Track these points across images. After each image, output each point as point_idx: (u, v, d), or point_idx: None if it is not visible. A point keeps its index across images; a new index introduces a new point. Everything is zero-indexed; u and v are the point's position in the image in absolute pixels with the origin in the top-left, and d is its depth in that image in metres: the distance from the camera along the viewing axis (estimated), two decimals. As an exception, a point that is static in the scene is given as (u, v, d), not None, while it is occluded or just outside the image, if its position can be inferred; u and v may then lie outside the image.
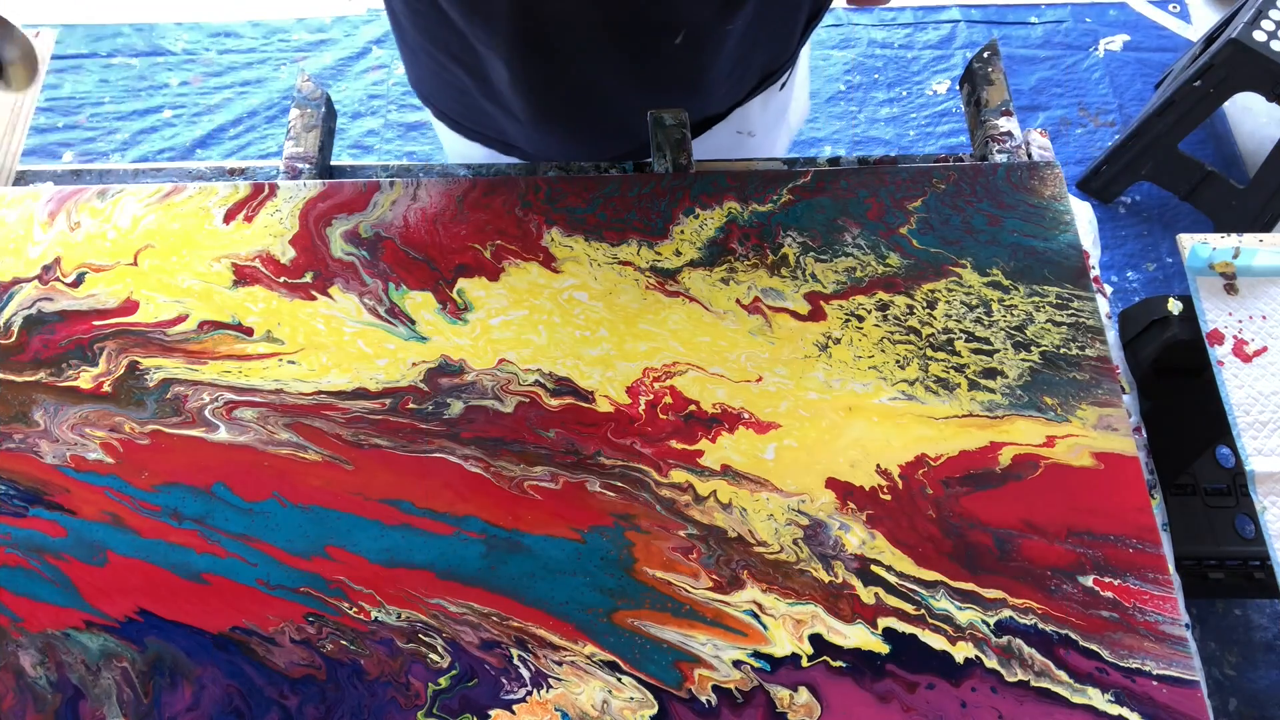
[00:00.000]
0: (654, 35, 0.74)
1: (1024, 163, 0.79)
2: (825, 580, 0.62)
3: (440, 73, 0.84)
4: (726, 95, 0.86)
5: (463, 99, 0.86)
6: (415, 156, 1.96)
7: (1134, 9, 2.17)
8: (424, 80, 0.89)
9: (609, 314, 0.71)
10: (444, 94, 0.88)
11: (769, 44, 0.84)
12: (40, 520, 0.63)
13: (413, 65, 0.89)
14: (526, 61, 0.75)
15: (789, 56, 0.89)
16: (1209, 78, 1.64)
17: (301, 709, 0.58)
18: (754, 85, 0.88)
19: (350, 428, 0.67)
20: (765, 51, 0.84)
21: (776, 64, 0.88)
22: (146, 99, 2.03)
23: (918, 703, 0.58)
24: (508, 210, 0.76)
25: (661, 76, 0.79)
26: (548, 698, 0.58)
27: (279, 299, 0.72)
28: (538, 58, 0.74)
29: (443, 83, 0.85)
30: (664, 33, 0.74)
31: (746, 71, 0.85)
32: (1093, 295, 0.72)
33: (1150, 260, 1.84)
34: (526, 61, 0.75)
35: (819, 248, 0.74)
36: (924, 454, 0.66)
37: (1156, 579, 0.62)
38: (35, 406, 0.67)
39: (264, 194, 0.77)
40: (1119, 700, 0.58)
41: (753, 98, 0.90)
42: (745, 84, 0.87)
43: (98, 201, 0.76)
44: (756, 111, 0.92)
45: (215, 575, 0.62)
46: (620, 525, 0.63)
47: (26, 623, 0.60)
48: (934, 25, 2.14)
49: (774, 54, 0.86)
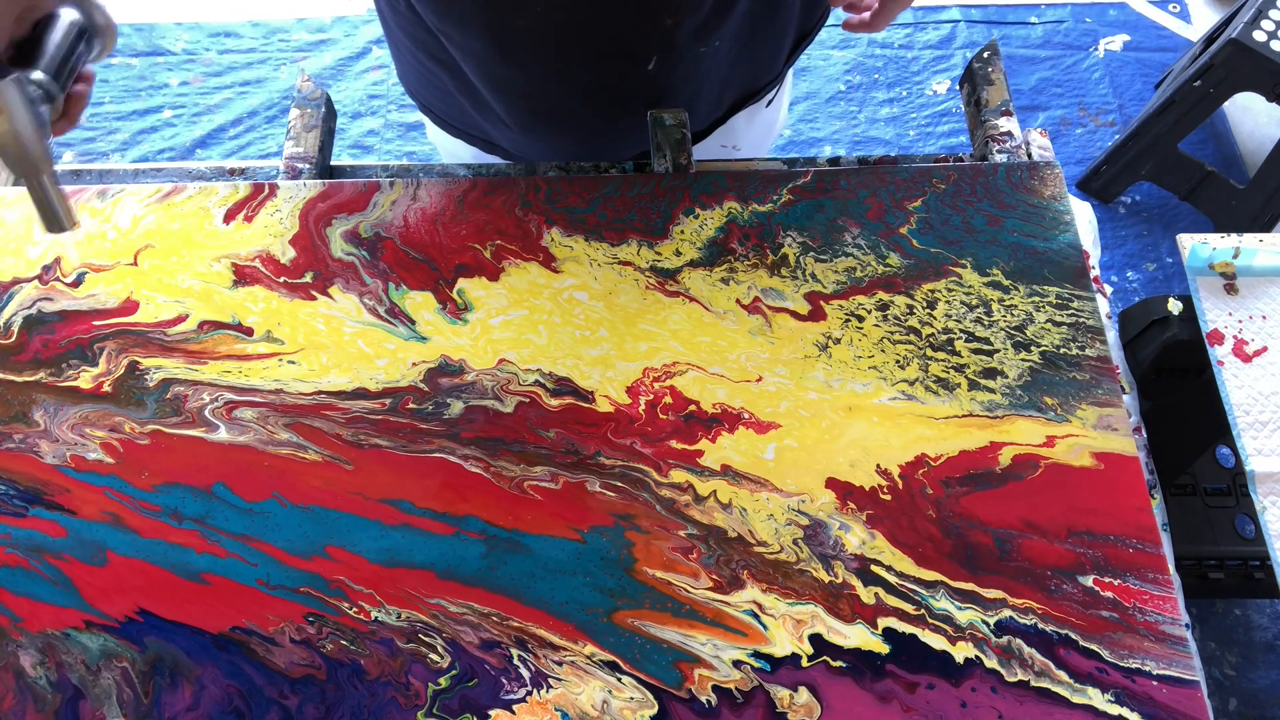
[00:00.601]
0: (626, 61, 0.74)
1: (1024, 163, 0.79)
2: (825, 580, 0.62)
3: (424, 73, 0.83)
4: (705, 114, 0.86)
5: (446, 99, 0.86)
6: (415, 156, 1.96)
7: (1134, 9, 2.17)
8: (409, 76, 0.89)
9: (609, 314, 0.71)
10: (429, 92, 0.88)
11: (751, 65, 0.83)
12: (40, 520, 0.63)
13: (399, 63, 0.89)
14: (499, 70, 0.75)
15: (774, 77, 0.88)
16: (1209, 78, 1.64)
17: (301, 709, 0.58)
18: (734, 103, 0.88)
19: (350, 428, 0.67)
20: (747, 72, 0.84)
21: (758, 84, 0.87)
22: (146, 99, 2.03)
23: (918, 703, 0.58)
24: (508, 210, 0.76)
25: (636, 97, 0.79)
26: (548, 698, 0.58)
27: (279, 299, 0.72)
28: (510, 66, 0.74)
29: (427, 82, 0.85)
30: (635, 59, 0.74)
31: (724, 91, 0.84)
32: (1093, 295, 0.72)
33: (1150, 260, 1.84)
34: (499, 70, 0.75)
35: (819, 248, 0.74)
36: (924, 454, 0.66)
37: (1156, 579, 0.62)
38: (35, 406, 0.67)
39: (264, 194, 0.77)
40: (1119, 700, 0.58)
41: (734, 115, 0.89)
42: (724, 103, 0.86)
43: (98, 201, 0.76)
44: (741, 126, 0.92)
45: (215, 575, 0.62)
46: (620, 525, 0.63)
47: (26, 623, 0.60)
48: (934, 25, 2.15)
49: (755, 74, 0.85)
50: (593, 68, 0.74)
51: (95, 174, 0.81)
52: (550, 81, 0.75)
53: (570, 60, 0.73)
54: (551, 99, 0.78)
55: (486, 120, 0.84)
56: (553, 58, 0.73)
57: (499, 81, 0.76)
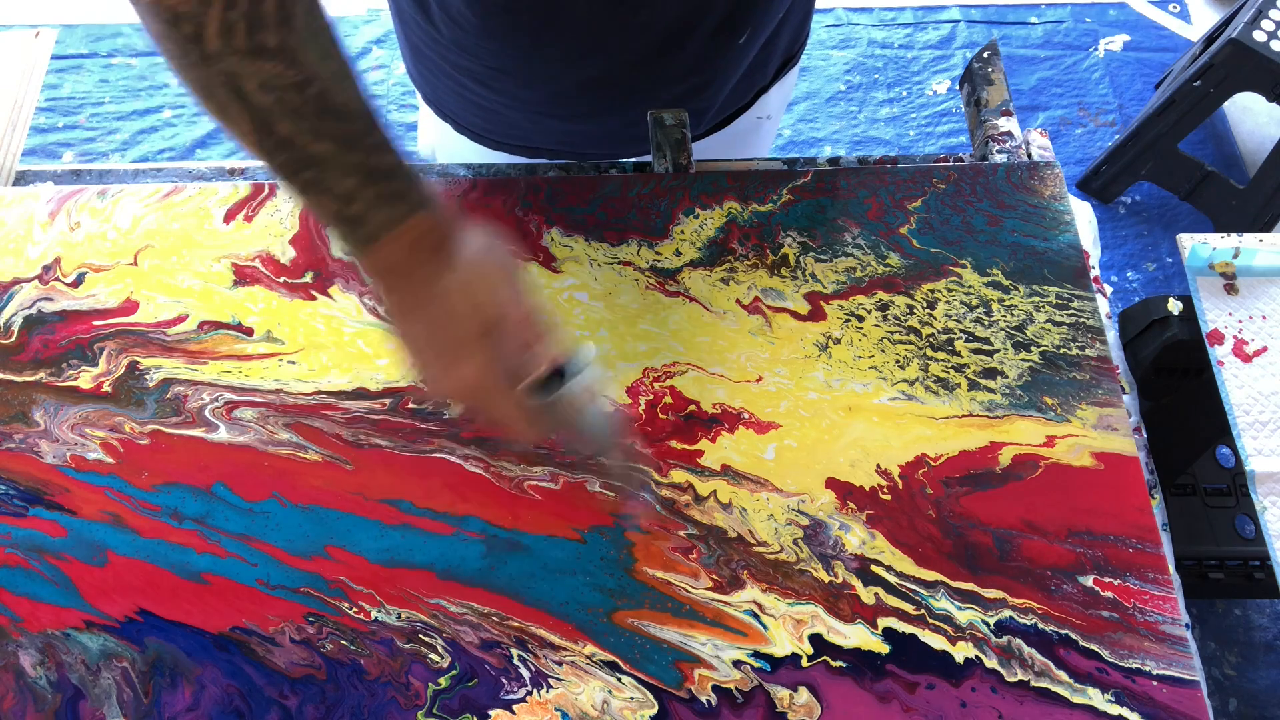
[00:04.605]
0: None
1: (1024, 163, 0.79)
2: (825, 580, 0.62)
3: (468, 96, 0.83)
4: (747, 85, 0.86)
5: (488, 115, 0.85)
6: (415, 157, 1.96)
7: (1134, 9, 2.17)
8: (448, 102, 0.88)
9: (609, 314, 0.71)
10: (469, 113, 0.87)
11: (790, 27, 0.84)
12: (40, 520, 0.63)
13: (437, 91, 0.88)
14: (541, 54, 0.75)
15: (805, 34, 0.89)
16: (1209, 78, 1.64)
17: (301, 709, 0.58)
18: (778, 68, 0.89)
19: (350, 428, 0.67)
20: (787, 34, 0.84)
21: (796, 45, 0.89)
22: (146, 99, 2.02)
23: (918, 703, 0.58)
24: (508, 210, 0.76)
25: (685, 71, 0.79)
26: (548, 698, 0.58)
27: (279, 299, 0.72)
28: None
29: (473, 105, 0.85)
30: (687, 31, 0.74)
31: (770, 56, 0.85)
32: (1093, 295, 0.72)
33: (1150, 260, 1.84)
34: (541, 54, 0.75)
35: (819, 248, 0.74)
36: (924, 454, 0.66)
37: (1156, 579, 0.62)
38: (35, 406, 0.67)
39: (264, 194, 0.77)
40: (1119, 700, 0.58)
41: (775, 82, 0.90)
42: (770, 68, 0.87)
43: (98, 201, 0.76)
44: (775, 94, 0.92)
45: (215, 575, 0.62)
46: (620, 525, 0.63)
47: (26, 623, 0.60)
48: (934, 25, 2.14)
49: (794, 35, 0.86)
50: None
51: (95, 174, 0.81)
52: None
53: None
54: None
55: (513, 110, 0.84)
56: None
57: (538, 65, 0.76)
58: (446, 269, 0.52)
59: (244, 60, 0.47)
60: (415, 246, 0.52)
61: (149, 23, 0.48)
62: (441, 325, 0.52)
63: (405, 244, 0.51)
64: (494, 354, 0.52)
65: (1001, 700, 0.58)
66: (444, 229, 0.53)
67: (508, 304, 0.52)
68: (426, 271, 0.52)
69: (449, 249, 0.52)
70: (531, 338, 0.52)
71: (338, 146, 0.50)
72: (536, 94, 0.80)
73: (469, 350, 0.52)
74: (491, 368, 0.52)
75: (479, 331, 0.52)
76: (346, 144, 0.50)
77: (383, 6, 2.14)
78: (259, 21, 0.47)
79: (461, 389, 0.53)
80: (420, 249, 0.52)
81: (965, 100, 0.88)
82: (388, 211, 0.51)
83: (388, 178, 0.51)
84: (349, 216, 0.51)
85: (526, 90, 0.79)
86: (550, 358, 0.53)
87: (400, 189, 0.51)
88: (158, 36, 0.48)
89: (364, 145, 0.50)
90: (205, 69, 0.48)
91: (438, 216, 0.52)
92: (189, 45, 0.47)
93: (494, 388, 0.52)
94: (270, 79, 0.48)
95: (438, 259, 0.52)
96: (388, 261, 0.52)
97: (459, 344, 0.52)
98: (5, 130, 0.82)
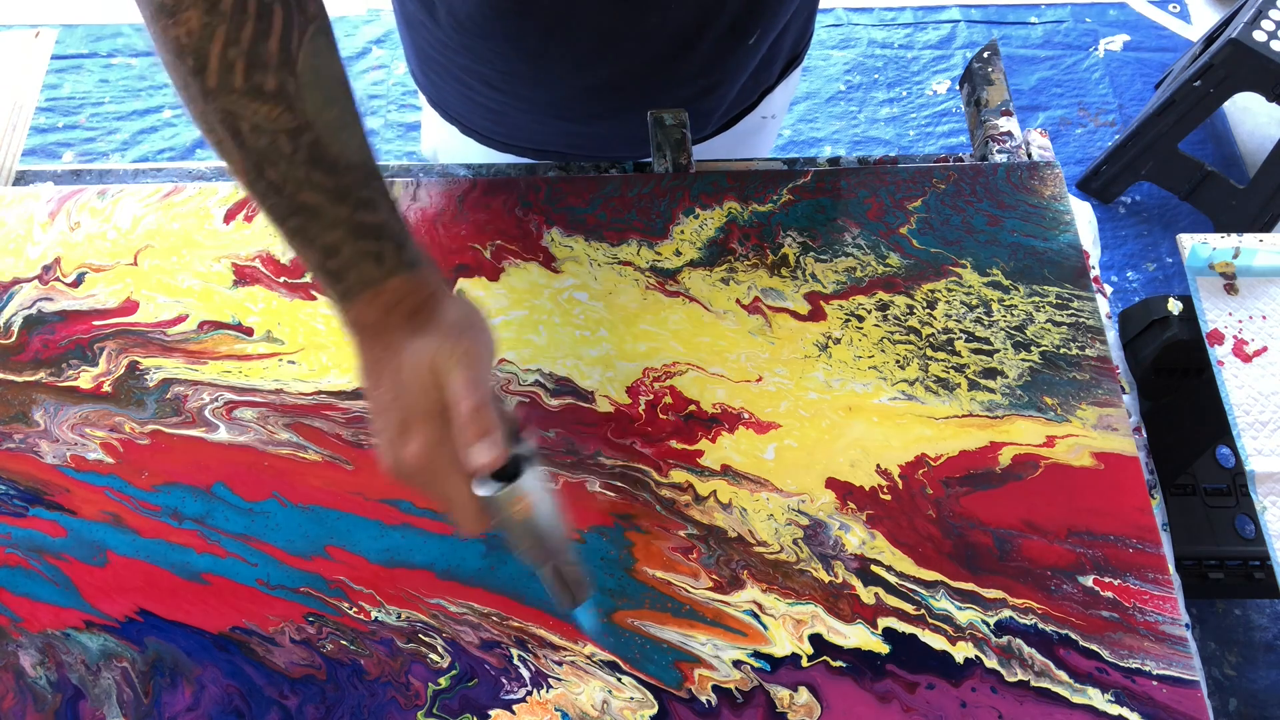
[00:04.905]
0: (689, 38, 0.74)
1: (1024, 163, 0.79)
2: (825, 580, 0.62)
3: (474, 98, 0.83)
4: (753, 86, 0.86)
5: (494, 116, 0.85)
6: (415, 157, 1.96)
7: (1134, 9, 2.17)
8: (453, 104, 0.88)
9: (609, 314, 0.71)
10: (476, 114, 0.87)
11: (796, 27, 0.84)
12: (40, 520, 0.63)
13: (441, 92, 0.88)
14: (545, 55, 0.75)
15: (809, 33, 0.89)
16: (1209, 78, 1.64)
17: (301, 709, 0.58)
18: (783, 68, 0.89)
19: (350, 428, 0.67)
20: (793, 34, 0.84)
21: (800, 45, 0.89)
22: (146, 99, 2.02)
23: (918, 703, 0.58)
24: (508, 210, 0.76)
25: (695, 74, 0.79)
26: (548, 698, 0.58)
27: (279, 299, 0.72)
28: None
29: (480, 107, 0.85)
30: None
31: (776, 56, 0.85)
32: (1093, 295, 0.72)
33: (1150, 260, 1.84)
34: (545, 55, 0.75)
35: (819, 248, 0.74)
36: (924, 454, 0.66)
37: (1156, 579, 0.62)
38: (35, 406, 0.67)
39: (264, 194, 0.76)
40: (1119, 700, 0.58)
41: (780, 82, 0.90)
42: (775, 68, 0.87)
43: (98, 201, 0.76)
44: (779, 94, 0.92)
45: (215, 575, 0.62)
46: (620, 525, 0.63)
47: (26, 623, 0.60)
48: (934, 25, 2.14)
49: (799, 35, 0.86)
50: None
51: (95, 174, 0.81)
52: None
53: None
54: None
55: (540, 122, 0.84)
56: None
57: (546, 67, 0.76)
58: (417, 336, 0.50)
59: (241, 100, 0.47)
60: (390, 309, 0.50)
61: (159, 51, 0.48)
62: (399, 394, 0.50)
63: (380, 305, 0.50)
64: (443, 435, 0.49)
65: (1001, 700, 0.58)
66: (423, 295, 0.51)
67: (467, 387, 0.48)
68: (397, 336, 0.50)
69: (425, 316, 0.51)
70: (486, 427, 0.48)
71: (325, 198, 0.49)
72: (545, 97, 0.80)
73: (419, 426, 0.49)
74: (439, 449, 0.49)
75: (432, 409, 0.49)
76: (335, 197, 0.49)
77: (383, 6, 2.14)
78: (259, 61, 0.47)
79: (407, 464, 0.50)
80: (396, 312, 0.50)
81: (965, 100, 0.88)
82: (368, 270, 0.50)
83: (374, 236, 0.50)
84: (330, 269, 0.50)
85: (535, 93, 0.79)
86: (499, 454, 0.48)
87: (384, 249, 0.50)
88: (166, 66, 0.48)
89: (353, 200, 0.49)
90: (205, 104, 0.48)
91: (419, 281, 0.51)
92: (191, 79, 0.47)
93: (440, 470, 0.49)
94: (264, 122, 0.47)
95: (410, 325, 0.50)
96: (362, 320, 0.51)
97: (411, 417, 0.50)
98: (5, 130, 0.82)
